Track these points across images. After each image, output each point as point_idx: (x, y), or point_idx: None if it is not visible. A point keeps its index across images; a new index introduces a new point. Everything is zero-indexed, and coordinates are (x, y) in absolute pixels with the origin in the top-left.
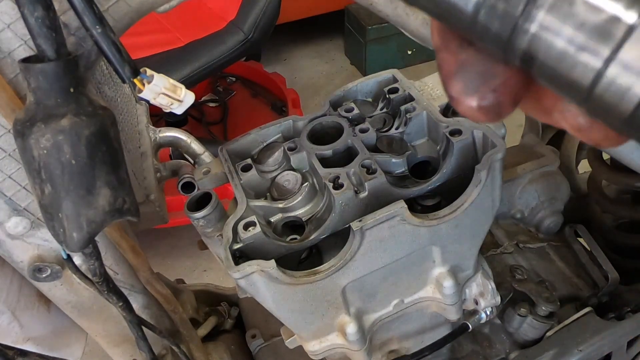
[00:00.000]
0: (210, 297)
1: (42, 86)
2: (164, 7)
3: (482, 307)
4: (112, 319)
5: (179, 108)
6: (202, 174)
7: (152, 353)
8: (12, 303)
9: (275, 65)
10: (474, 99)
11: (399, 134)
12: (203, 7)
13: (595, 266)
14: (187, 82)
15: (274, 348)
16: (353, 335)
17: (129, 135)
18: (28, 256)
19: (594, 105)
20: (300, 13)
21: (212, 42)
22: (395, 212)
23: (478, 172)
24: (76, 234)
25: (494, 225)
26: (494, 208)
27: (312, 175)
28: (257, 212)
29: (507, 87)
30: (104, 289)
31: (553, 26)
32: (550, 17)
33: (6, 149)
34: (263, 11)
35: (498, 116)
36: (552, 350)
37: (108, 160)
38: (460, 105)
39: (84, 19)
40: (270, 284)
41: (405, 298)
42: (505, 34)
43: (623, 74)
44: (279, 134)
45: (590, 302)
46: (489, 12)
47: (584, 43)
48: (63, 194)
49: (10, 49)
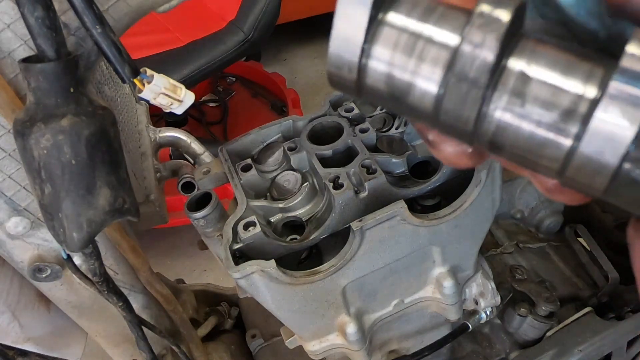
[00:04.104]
0: (210, 297)
1: (42, 86)
2: (164, 7)
3: (482, 307)
4: (112, 319)
5: (179, 108)
6: (202, 174)
7: (152, 353)
8: (12, 303)
9: (275, 65)
10: (451, 148)
11: (399, 134)
12: (203, 7)
13: (595, 266)
14: (187, 82)
15: (274, 348)
16: (353, 335)
17: (129, 135)
18: (28, 256)
19: (568, 181)
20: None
21: (212, 42)
22: (395, 212)
23: (478, 172)
24: (76, 234)
25: (494, 225)
26: (494, 208)
27: (312, 175)
28: (257, 212)
29: None
30: (104, 289)
31: (511, 121)
32: (506, 114)
33: (6, 149)
34: (263, 11)
35: (474, 164)
36: (552, 350)
37: (108, 160)
38: (437, 152)
39: (84, 19)
40: (270, 284)
41: (405, 298)
42: (467, 130)
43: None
44: (279, 134)
45: (590, 302)
46: (447, 114)
47: (547, 131)
48: (63, 194)
49: (10, 49)
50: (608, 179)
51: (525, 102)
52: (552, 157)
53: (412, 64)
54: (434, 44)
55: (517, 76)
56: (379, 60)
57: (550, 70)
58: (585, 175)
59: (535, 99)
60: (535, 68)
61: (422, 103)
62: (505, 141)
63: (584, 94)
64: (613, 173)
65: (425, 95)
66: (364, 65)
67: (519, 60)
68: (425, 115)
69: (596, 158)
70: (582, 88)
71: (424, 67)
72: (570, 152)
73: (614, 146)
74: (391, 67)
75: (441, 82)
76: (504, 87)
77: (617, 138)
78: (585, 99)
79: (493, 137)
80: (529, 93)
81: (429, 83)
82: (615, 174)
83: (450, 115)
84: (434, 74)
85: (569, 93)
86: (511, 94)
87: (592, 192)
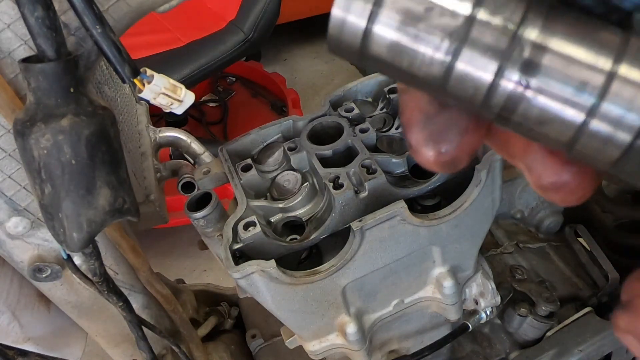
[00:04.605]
0: (210, 297)
1: (42, 86)
2: (164, 7)
3: (482, 307)
4: (112, 319)
5: (179, 108)
6: (202, 174)
7: (152, 353)
8: (12, 303)
9: (275, 65)
10: (432, 153)
11: (399, 134)
12: (203, 7)
13: (595, 266)
14: (187, 82)
15: (274, 348)
16: (353, 335)
17: (129, 135)
18: (28, 256)
19: (577, 154)
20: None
21: (212, 42)
22: (395, 212)
23: (478, 172)
24: (76, 234)
25: (494, 225)
26: (494, 208)
27: (312, 175)
28: (257, 212)
29: (467, 144)
30: (104, 289)
31: (525, 92)
32: (521, 84)
33: (6, 149)
34: (263, 11)
35: (453, 169)
36: (552, 350)
37: (108, 160)
38: (418, 156)
39: (84, 19)
40: (270, 284)
41: (405, 298)
42: (478, 100)
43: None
44: (279, 134)
45: (590, 302)
46: (457, 84)
47: (562, 103)
48: (63, 194)
49: (10, 49)
50: (621, 150)
51: (541, 72)
52: (564, 128)
53: (423, 30)
54: (447, 10)
55: (534, 45)
56: (387, 26)
57: (567, 41)
58: (597, 147)
59: (552, 69)
60: (551, 37)
61: (430, 72)
62: (516, 112)
63: (602, 65)
64: (628, 144)
65: (433, 64)
66: (369, 30)
67: (534, 29)
68: (431, 85)
69: (611, 129)
70: (600, 59)
71: (435, 34)
72: (584, 123)
73: (631, 116)
74: (400, 33)
75: (454, 50)
76: (519, 56)
77: (635, 108)
78: (602, 69)
79: (504, 108)
80: (545, 63)
81: (439, 51)
82: (630, 145)
83: (460, 86)
84: (446, 41)
85: (587, 64)
86: (527, 64)
87: (601, 164)
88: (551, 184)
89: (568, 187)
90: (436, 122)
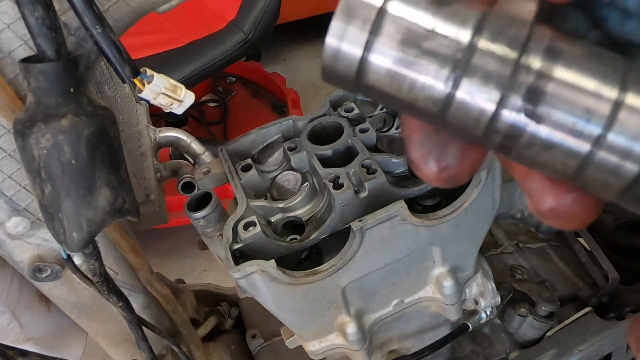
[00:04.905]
0: (210, 297)
1: (42, 86)
2: (164, 7)
3: (482, 307)
4: (112, 319)
5: (179, 108)
6: (202, 174)
7: (152, 353)
8: (12, 303)
9: (275, 65)
10: (434, 170)
11: (399, 134)
12: (203, 7)
13: (595, 266)
14: (187, 82)
15: (274, 348)
16: (353, 335)
17: (129, 135)
18: (28, 256)
19: (581, 184)
20: (300, 13)
21: (212, 42)
22: (395, 212)
23: (478, 172)
24: (76, 234)
25: (494, 225)
26: (494, 208)
27: (312, 175)
28: (257, 212)
29: (469, 161)
30: (104, 289)
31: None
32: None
33: (6, 149)
34: (263, 11)
35: (455, 185)
36: (552, 350)
37: (108, 160)
38: (419, 171)
39: (84, 19)
40: (270, 284)
41: (405, 298)
42: (479, 130)
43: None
44: (279, 134)
45: (590, 302)
46: (457, 115)
47: (567, 133)
48: (63, 194)
49: (10, 49)
50: (629, 181)
51: (546, 101)
52: (569, 158)
53: (422, 59)
54: (447, 37)
55: (537, 74)
56: (384, 54)
57: (571, 69)
58: (603, 177)
59: (556, 98)
60: (555, 65)
61: (428, 102)
62: (519, 143)
63: (608, 93)
64: (635, 174)
65: (433, 93)
66: (365, 59)
67: (537, 56)
68: (430, 115)
69: (618, 160)
70: (606, 87)
71: (434, 63)
72: (590, 154)
73: (639, 146)
74: (397, 62)
75: (454, 79)
76: (522, 85)
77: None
78: (608, 98)
79: (506, 138)
80: (550, 91)
81: (438, 81)
82: (638, 175)
83: (461, 116)
84: (445, 70)
85: (593, 92)
86: (530, 93)
87: (606, 194)
88: (551, 210)
89: (569, 215)
90: (437, 139)
